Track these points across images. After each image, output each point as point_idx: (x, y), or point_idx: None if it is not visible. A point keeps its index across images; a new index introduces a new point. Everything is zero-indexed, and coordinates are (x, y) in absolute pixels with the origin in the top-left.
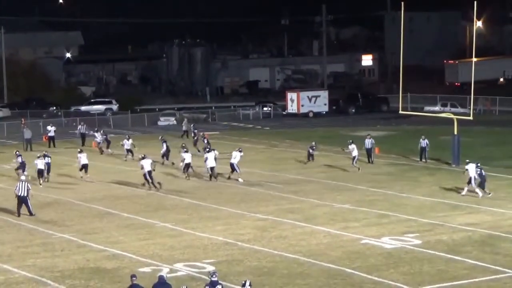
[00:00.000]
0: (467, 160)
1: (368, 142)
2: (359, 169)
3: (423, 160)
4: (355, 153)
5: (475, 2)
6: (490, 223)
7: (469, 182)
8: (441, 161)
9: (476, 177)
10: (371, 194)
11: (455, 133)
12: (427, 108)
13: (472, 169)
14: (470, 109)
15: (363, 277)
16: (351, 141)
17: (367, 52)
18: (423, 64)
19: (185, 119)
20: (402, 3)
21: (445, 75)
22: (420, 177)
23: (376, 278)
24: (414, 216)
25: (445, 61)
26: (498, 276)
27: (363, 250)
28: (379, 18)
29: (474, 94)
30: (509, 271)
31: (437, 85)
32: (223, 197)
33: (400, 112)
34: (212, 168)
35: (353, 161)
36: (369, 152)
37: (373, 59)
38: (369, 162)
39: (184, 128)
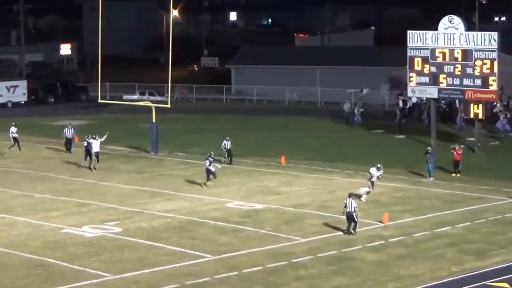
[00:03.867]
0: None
1: (69, 132)
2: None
3: (228, 160)
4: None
5: None
6: (188, 209)
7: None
8: (141, 149)
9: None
10: (71, 183)
11: (153, 121)
12: (125, 96)
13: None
14: (168, 97)
15: (64, 266)
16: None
17: (66, 41)
18: (122, 53)
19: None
20: None
21: None
22: (120, 165)
23: (77, 267)
24: (114, 204)
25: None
26: (197, 261)
27: (64, 240)
28: (78, 6)
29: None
30: (208, 255)
31: (136, 73)
32: None
33: (100, 101)
34: None
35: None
36: (69, 141)
37: (71, 48)
38: (67, 150)
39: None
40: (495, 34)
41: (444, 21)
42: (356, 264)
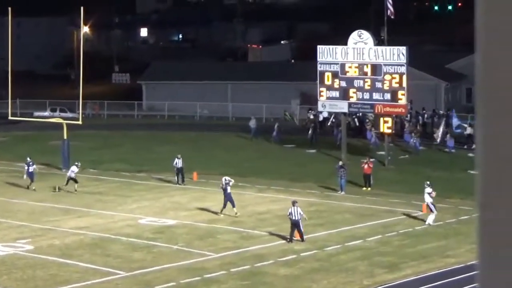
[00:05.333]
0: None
1: None
2: None
3: (180, 181)
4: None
5: (82, 8)
6: (101, 226)
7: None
8: (52, 166)
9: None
10: None
11: (65, 137)
12: (36, 113)
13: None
14: (79, 113)
15: None
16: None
17: None
18: (33, 69)
19: None
20: (10, 8)
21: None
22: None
23: None
24: (26, 222)
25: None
26: (109, 278)
27: None
28: None
29: (83, 99)
30: (121, 272)
31: (47, 90)
32: None
33: (10, 118)
34: None
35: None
36: None
37: None
38: None
39: None
40: (403, 49)
41: (354, 36)
42: (269, 279)
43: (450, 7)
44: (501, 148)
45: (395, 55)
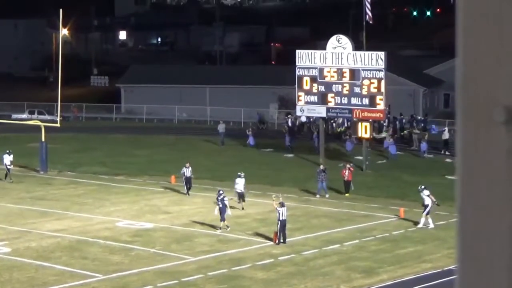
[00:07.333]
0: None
1: None
2: None
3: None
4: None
5: (61, 10)
6: (78, 228)
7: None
8: (29, 168)
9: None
10: None
11: (43, 140)
12: (14, 115)
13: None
14: (57, 116)
15: None
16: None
17: None
18: (11, 71)
19: None
20: None
21: None
22: (9, 185)
23: None
24: (2, 224)
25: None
26: (87, 281)
27: None
28: None
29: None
30: (98, 275)
31: (25, 92)
32: None
33: None
34: None
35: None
36: None
37: None
38: None
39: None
40: (382, 54)
41: (332, 41)
42: (246, 283)
43: (428, 13)
44: (480, 153)
45: (373, 60)
